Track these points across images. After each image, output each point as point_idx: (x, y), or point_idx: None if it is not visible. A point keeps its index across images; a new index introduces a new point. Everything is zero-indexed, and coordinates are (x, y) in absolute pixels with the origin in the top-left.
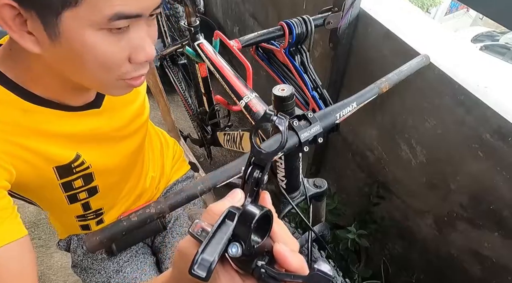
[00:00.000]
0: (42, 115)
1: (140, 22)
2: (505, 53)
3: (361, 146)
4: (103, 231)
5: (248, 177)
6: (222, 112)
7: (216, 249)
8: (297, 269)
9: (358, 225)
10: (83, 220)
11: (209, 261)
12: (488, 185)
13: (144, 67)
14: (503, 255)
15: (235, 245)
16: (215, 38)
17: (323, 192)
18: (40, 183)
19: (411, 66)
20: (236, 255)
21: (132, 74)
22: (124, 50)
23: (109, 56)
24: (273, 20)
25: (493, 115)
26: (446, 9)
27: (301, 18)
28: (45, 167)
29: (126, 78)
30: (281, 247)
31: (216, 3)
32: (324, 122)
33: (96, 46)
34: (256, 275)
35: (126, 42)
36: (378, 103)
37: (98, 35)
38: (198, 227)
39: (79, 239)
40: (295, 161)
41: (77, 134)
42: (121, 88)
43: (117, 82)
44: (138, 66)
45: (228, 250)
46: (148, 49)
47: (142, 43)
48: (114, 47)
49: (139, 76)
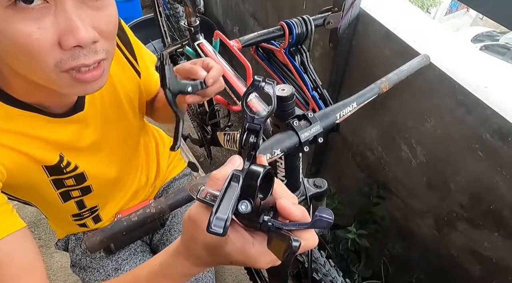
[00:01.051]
0: (24, 119)
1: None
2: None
3: (361, 146)
4: (103, 231)
5: (244, 143)
6: (222, 112)
7: (228, 207)
8: (300, 219)
9: (358, 225)
10: (79, 219)
11: (223, 218)
12: (488, 185)
13: (85, 56)
14: (503, 255)
15: (245, 202)
16: (215, 38)
17: (323, 192)
18: (31, 182)
19: (411, 66)
20: (246, 211)
21: (69, 63)
22: (48, 32)
23: (28, 40)
24: (273, 20)
25: (493, 115)
26: (446, 9)
27: (301, 18)
28: (33, 167)
29: (65, 68)
30: (284, 201)
31: (216, 3)
32: (324, 122)
33: (8, 30)
34: (265, 229)
35: (50, 23)
36: (378, 103)
37: (8, 16)
38: (205, 193)
39: (77, 238)
40: (295, 161)
41: (59, 140)
42: (69, 84)
43: (60, 76)
44: (73, 53)
45: (238, 207)
46: (77, 32)
47: (69, 24)
48: (32, 28)
49: (82, 68)
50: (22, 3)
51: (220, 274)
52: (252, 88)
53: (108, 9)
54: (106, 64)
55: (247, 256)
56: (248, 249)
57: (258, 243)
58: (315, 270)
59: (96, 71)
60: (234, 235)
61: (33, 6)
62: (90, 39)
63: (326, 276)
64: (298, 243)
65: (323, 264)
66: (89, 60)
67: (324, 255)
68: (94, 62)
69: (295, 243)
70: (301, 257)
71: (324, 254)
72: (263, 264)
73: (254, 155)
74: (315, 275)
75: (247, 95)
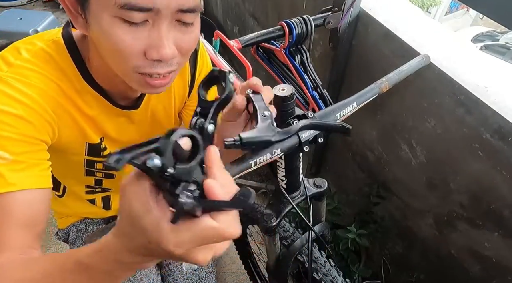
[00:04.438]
0: (90, 97)
1: (161, 21)
2: (505, 53)
3: (361, 146)
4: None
5: (194, 125)
6: None
7: (134, 152)
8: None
9: (358, 225)
10: (91, 192)
11: (124, 157)
12: (488, 185)
13: (161, 67)
14: (503, 255)
15: (156, 157)
16: (215, 38)
17: (323, 192)
18: (71, 151)
19: (411, 66)
20: (154, 165)
21: (146, 69)
22: (139, 43)
23: (122, 45)
24: (273, 20)
25: (493, 115)
26: (446, 8)
27: (301, 18)
28: (80, 140)
29: (141, 72)
30: (211, 181)
31: (216, 3)
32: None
33: (110, 32)
34: (180, 201)
35: (143, 36)
36: (378, 103)
37: (114, 22)
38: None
39: (78, 230)
40: (295, 161)
41: (106, 126)
42: (140, 83)
43: (134, 75)
44: (152, 63)
45: (147, 161)
46: (162, 49)
47: (157, 42)
48: (128, 37)
49: (155, 74)
50: (130, 20)
51: (220, 274)
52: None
53: (193, 33)
54: (174, 75)
55: (160, 234)
56: (162, 223)
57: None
58: (315, 270)
59: (165, 80)
60: (153, 204)
61: (136, 22)
62: (171, 56)
63: (326, 276)
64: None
65: (323, 264)
66: (163, 71)
67: (324, 255)
68: (166, 72)
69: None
70: (301, 257)
71: (324, 254)
72: (175, 249)
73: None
74: (315, 275)
75: (203, 84)
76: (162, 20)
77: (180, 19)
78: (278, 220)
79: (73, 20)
